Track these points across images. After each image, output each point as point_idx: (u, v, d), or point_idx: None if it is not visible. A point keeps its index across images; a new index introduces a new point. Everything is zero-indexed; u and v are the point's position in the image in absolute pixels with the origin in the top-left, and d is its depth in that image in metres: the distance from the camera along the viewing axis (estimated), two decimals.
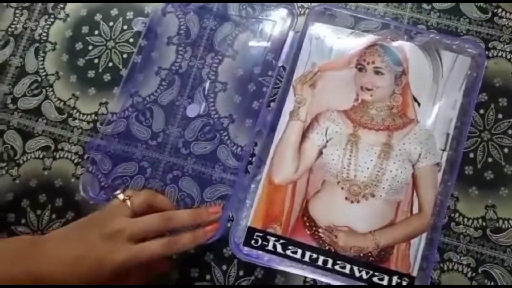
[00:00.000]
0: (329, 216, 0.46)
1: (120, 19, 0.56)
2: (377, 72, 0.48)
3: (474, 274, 0.45)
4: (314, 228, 0.45)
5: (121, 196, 0.44)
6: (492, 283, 0.45)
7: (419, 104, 0.47)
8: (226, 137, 0.51)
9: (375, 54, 0.49)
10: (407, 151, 0.46)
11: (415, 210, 0.45)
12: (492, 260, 0.45)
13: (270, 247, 0.45)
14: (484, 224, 0.46)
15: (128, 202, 0.43)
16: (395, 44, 0.49)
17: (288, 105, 0.49)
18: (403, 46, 0.49)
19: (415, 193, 0.45)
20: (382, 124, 0.47)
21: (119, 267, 0.39)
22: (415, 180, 0.45)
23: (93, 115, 0.53)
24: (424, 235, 0.44)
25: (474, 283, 0.45)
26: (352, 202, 0.46)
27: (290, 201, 0.46)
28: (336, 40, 0.50)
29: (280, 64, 0.51)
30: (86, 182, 0.50)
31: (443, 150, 0.46)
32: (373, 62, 0.48)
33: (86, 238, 0.40)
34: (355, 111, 0.48)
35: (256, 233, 0.46)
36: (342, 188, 0.46)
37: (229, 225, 0.47)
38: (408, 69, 0.48)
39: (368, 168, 0.46)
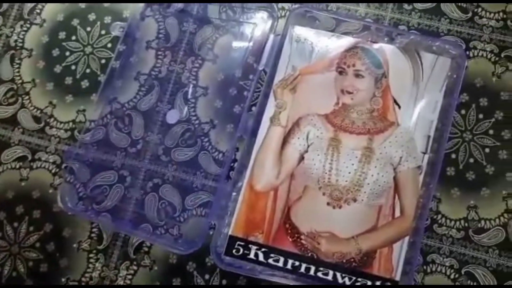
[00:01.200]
0: (311, 222, 0.45)
1: (98, 23, 0.55)
2: (357, 75, 0.48)
3: (457, 275, 0.45)
4: (296, 235, 0.45)
5: None
6: (475, 284, 0.44)
7: (399, 107, 0.47)
8: (208, 143, 0.50)
9: (355, 56, 0.48)
10: (388, 154, 0.46)
11: (397, 213, 0.44)
12: (474, 261, 0.45)
13: (252, 255, 0.44)
14: (466, 225, 0.46)
15: None
16: (376, 46, 0.48)
17: (269, 110, 0.48)
18: (384, 48, 0.48)
19: (396, 197, 0.45)
20: (363, 128, 0.47)
21: None
22: (397, 183, 0.45)
23: (70, 123, 0.52)
24: (407, 238, 0.44)
25: (457, 284, 0.45)
26: (334, 207, 0.45)
27: (272, 208, 0.46)
28: (316, 43, 0.49)
29: (260, 67, 0.50)
30: (64, 192, 0.49)
31: (424, 153, 0.45)
32: (353, 65, 0.48)
33: None
34: (336, 115, 0.47)
35: (238, 242, 0.45)
36: (324, 194, 0.45)
37: (211, 233, 0.46)
38: (388, 71, 0.48)
39: (349, 173, 0.45)
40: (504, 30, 0.50)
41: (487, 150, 0.47)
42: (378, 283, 0.43)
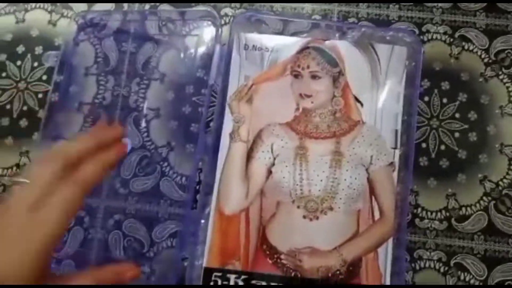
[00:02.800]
0: (289, 239, 0.42)
1: (29, 56, 0.51)
2: (314, 77, 0.45)
3: (446, 268, 0.43)
4: (275, 256, 0.42)
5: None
6: (466, 274, 0.43)
7: (362, 104, 0.45)
8: (168, 168, 0.46)
9: (309, 57, 0.46)
10: (358, 155, 0.43)
11: (377, 216, 0.42)
12: (462, 250, 0.44)
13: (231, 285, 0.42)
14: (447, 214, 0.44)
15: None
16: (328, 44, 0.46)
17: (227, 126, 0.45)
18: (337, 45, 0.46)
19: (373, 199, 0.43)
20: (328, 131, 0.44)
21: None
22: (371, 184, 0.43)
23: (14, 168, 0.48)
24: (390, 240, 0.42)
25: (448, 277, 0.43)
26: (311, 219, 0.42)
27: (246, 231, 0.43)
28: (266, 48, 0.46)
29: (211, 81, 0.47)
30: None
31: (394, 148, 0.44)
32: (308, 67, 0.45)
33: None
34: (298, 121, 0.45)
35: (214, 273, 0.42)
36: (298, 207, 0.43)
37: (185, 264, 0.43)
38: (345, 69, 0.45)
39: (321, 181, 0.43)
40: (454, 10, 0.49)
41: (456, 134, 0.46)
42: None
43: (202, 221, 0.43)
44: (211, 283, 0.42)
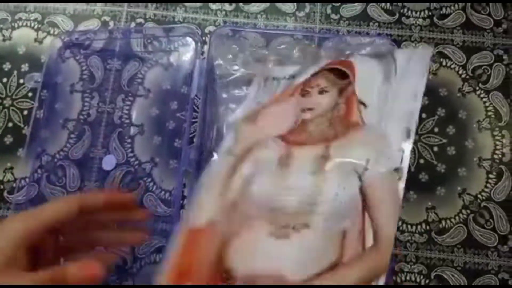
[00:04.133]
0: (249, 262, 0.33)
1: (15, 72, 0.51)
2: (321, 92, 0.41)
3: (427, 280, 0.44)
4: (229, 281, 0.33)
5: None
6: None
7: (365, 106, 0.39)
8: (152, 183, 0.47)
9: (322, 77, 0.42)
10: (350, 159, 0.35)
11: (369, 241, 0.32)
12: (442, 262, 0.44)
13: None
14: (427, 227, 0.45)
15: None
16: (343, 62, 0.43)
17: (227, 142, 0.42)
18: (352, 62, 0.42)
19: (367, 216, 0.33)
20: (320, 136, 0.38)
21: None
22: (365, 196, 0.33)
23: None
24: (383, 277, 0.31)
25: None
26: (278, 238, 0.33)
27: (206, 248, 0.35)
28: (284, 77, 0.45)
29: (192, 95, 0.47)
30: None
31: (403, 151, 0.34)
32: (317, 85, 0.41)
33: None
34: (292, 132, 0.40)
35: None
36: (267, 222, 0.34)
37: None
38: (355, 79, 0.41)
39: (299, 191, 0.35)
40: (432, 27, 0.51)
41: (435, 148, 0.47)
42: None
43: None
44: None
